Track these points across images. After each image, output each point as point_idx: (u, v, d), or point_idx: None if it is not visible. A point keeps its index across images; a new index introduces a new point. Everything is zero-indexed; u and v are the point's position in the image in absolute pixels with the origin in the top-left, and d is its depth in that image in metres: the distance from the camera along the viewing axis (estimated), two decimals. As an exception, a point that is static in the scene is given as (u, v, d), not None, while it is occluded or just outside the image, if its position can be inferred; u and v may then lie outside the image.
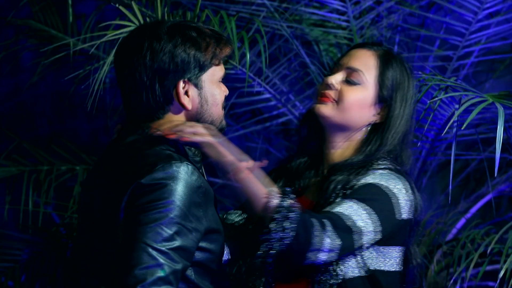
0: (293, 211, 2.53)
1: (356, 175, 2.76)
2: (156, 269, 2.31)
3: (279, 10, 4.21)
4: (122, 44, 2.60)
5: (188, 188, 2.41)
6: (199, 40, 2.54)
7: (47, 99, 4.71)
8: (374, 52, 2.85)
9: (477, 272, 4.15)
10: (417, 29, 4.45)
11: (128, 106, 2.58)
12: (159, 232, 2.34)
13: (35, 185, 4.27)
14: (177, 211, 2.37)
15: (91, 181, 2.61)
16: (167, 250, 2.33)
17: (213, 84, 2.59)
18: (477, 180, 4.71)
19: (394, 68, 2.82)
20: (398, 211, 2.71)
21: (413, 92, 2.85)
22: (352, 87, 2.81)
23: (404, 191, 2.73)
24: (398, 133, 2.82)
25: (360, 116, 2.82)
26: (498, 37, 4.32)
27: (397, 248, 2.78)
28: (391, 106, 2.81)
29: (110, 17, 4.36)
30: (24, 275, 3.97)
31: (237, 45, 3.30)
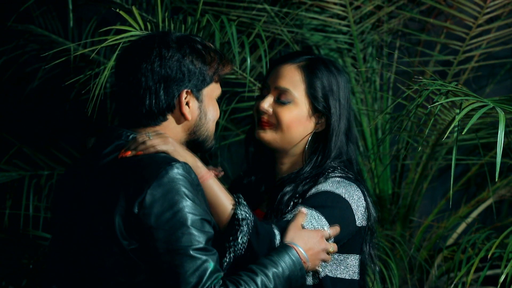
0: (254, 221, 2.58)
1: (304, 185, 2.79)
2: (204, 266, 2.38)
3: (279, 15, 4.21)
4: (126, 50, 2.63)
5: (191, 186, 2.45)
6: (204, 53, 2.60)
7: (47, 104, 4.71)
8: (297, 65, 2.85)
9: (477, 277, 4.15)
10: (418, 34, 4.45)
11: (125, 110, 2.60)
12: (190, 233, 2.39)
13: (35, 190, 4.27)
14: (193, 209, 2.41)
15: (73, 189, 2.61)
16: (203, 245, 2.39)
17: (212, 100, 2.65)
18: (477, 184, 4.71)
19: (320, 76, 2.83)
20: (351, 218, 2.74)
21: (345, 88, 2.87)
22: (284, 107, 2.83)
23: (356, 198, 2.76)
24: (341, 134, 2.84)
25: (301, 131, 2.84)
26: (499, 41, 4.32)
27: (353, 256, 2.80)
28: (329, 113, 2.83)
29: (110, 22, 4.36)
30: (25, 280, 3.97)
31: (237, 49, 3.30)
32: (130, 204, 2.41)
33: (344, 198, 2.73)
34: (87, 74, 3.39)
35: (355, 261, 2.80)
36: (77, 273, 2.56)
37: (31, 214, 4.23)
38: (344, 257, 2.77)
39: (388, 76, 4.47)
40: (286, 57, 2.89)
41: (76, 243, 2.56)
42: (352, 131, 2.90)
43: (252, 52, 4.03)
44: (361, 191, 2.79)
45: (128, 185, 2.44)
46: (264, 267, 2.50)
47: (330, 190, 2.74)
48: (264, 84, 2.91)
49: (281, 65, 2.87)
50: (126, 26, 3.16)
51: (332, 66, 2.88)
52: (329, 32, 4.35)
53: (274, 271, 2.50)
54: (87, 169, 2.59)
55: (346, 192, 2.74)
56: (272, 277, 2.49)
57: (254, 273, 2.48)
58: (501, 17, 4.29)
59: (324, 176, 2.79)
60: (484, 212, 4.45)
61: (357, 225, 2.76)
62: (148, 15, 4.04)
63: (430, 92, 2.95)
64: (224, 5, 4.24)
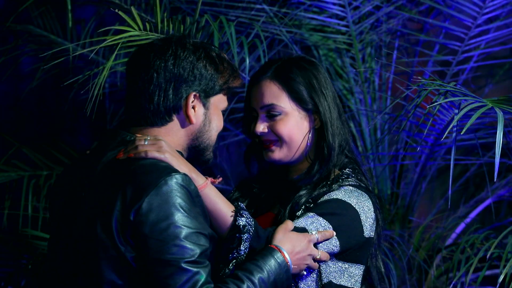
0: (254, 226, 2.60)
1: (320, 189, 2.80)
2: (195, 278, 2.38)
3: (278, 15, 4.21)
4: (143, 47, 2.65)
5: (190, 196, 2.45)
6: (218, 62, 2.63)
7: (46, 104, 4.71)
8: (269, 77, 2.85)
9: (476, 277, 4.15)
10: (417, 34, 4.45)
11: (133, 106, 2.60)
12: (182, 246, 2.39)
13: (34, 190, 4.27)
14: (188, 222, 2.41)
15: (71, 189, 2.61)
16: (195, 258, 2.39)
17: (218, 110, 2.67)
18: (476, 184, 4.71)
19: (296, 78, 2.84)
20: (359, 228, 2.75)
21: (323, 77, 2.87)
22: (277, 120, 2.84)
23: (367, 209, 2.77)
24: (336, 121, 2.85)
25: (302, 135, 2.86)
26: (498, 42, 4.32)
27: (358, 266, 2.80)
28: (318, 108, 2.84)
29: (109, 22, 4.36)
30: (23, 281, 3.97)
31: (236, 50, 3.30)
32: (127, 210, 2.41)
33: (354, 207, 2.74)
34: (86, 74, 3.38)
35: (359, 271, 2.80)
36: (75, 274, 2.55)
37: (30, 215, 4.22)
38: (348, 265, 2.77)
39: (387, 76, 4.47)
40: (258, 74, 2.90)
41: (74, 244, 2.56)
42: (342, 113, 2.91)
43: (251, 52, 4.03)
44: (371, 202, 2.80)
45: (126, 190, 2.44)
46: (250, 273, 2.50)
47: (341, 198, 2.75)
48: (249, 109, 2.91)
49: (256, 84, 2.88)
50: (125, 27, 3.16)
51: (302, 62, 2.88)
52: (328, 32, 4.35)
53: (259, 277, 2.50)
54: (87, 171, 2.59)
55: (357, 202, 2.75)
56: (258, 283, 2.50)
57: (241, 281, 2.48)
58: (500, 17, 4.29)
59: (338, 183, 2.80)
60: (483, 212, 4.44)
61: (365, 236, 2.76)
62: (147, 15, 4.04)
63: (429, 92, 2.95)
64: (223, 5, 4.24)
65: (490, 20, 4.28)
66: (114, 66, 4.18)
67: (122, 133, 2.60)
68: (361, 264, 2.80)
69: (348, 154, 2.90)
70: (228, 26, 3.31)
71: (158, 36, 3.21)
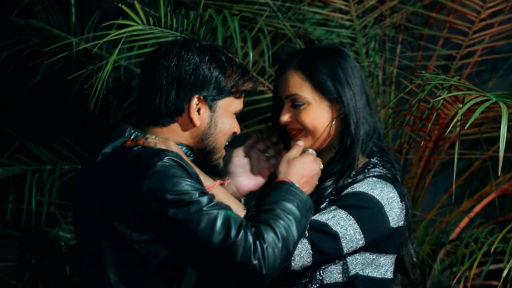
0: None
1: (344, 179, 2.80)
2: (224, 214, 2.42)
3: (282, 9, 4.20)
4: (153, 50, 2.68)
5: (185, 170, 2.47)
6: (225, 65, 2.62)
7: (50, 99, 4.71)
8: (293, 67, 2.86)
9: (480, 271, 4.15)
10: (420, 29, 4.44)
11: (139, 106, 2.63)
12: (196, 201, 2.42)
13: (38, 185, 4.27)
14: (190, 185, 2.44)
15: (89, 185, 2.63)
16: (215, 202, 2.44)
17: (227, 113, 2.67)
18: (480, 179, 4.71)
19: (320, 68, 2.84)
20: (384, 220, 2.74)
21: (349, 66, 2.86)
22: (301, 110, 2.85)
23: (391, 200, 2.76)
24: (362, 111, 2.85)
25: (325, 124, 2.86)
26: (501, 36, 4.31)
27: (387, 256, 2.80)
28: (341, 98, 2.83)
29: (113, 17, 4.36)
30: (27, 274, 3.98)
31: (240, 44, 3.30)
32: (132, 197, 2.43)
33: (377, 199, 2.73)
34: (89, 68, 3.39)
35: (389, 261, 2.81)
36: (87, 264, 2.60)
37: (34, 209, 4.23)
38: (376, 256, 2.77)
39: (390, 71, 4.46)
40: (283, 65, 2.90)
41: (82, 235, 2.61)
42: (371, 102, 2.91)
43: (254, 47, 4.02)
44: (397, 192, 2.79)
45: (123, 178, 2.47)
46: (275, 203, 2.54)
47: (364, 191, 2.74)
48: (276, 98, 2.94)
49: (282, 74, 2.89)
50: (128, 21, 3.16)
51: (328, 51, 2.88)
52: (332, 27, 4.35)
53: (285, 203, 2.55)
54: (90, 161, 2.61)
55: (380, 193, 2.74)
56: (286, 208, 2.54)
57: (272, 210, 2.52)
58: (504, 11, 4.28)
59: (364, 173, 2.80)
60: (487, 206, 4.44)
61: (392, 226, 2.76)
62: (150, 9, 4.03)
63: (432, 86, 2.94)
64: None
65: (494, 14, 4.28)
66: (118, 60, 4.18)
67: (123, 125, 2.62)
68: (390, 254, 2.80)
69: (377, 142, 2.89)
70: (231, 21, 3.31)
71: (162, 30, 3.21)
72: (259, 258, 2.40)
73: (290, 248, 2.49)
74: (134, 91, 4.56)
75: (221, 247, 2.39)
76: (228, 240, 2.39)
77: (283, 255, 2.46)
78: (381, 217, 2.73)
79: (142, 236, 2.45)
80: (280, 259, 2.45)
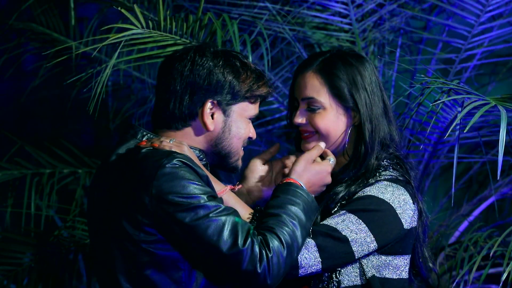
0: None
1: (357, 185, 2.80)
2: (232, 220, 2.43)
3: (281, 13, 4.20)
4: (169, 54, 2.69)
5: (194, 172, 2.48)
6: (240, 70, 2.63)
7: (49, 102, 4.71)
8: (314, 70, 2.84)
9: (479, 275, 4.15)
10: (420, 32, 4.44)
11: (155, 110, 2.66)
12: (205, 205, 2.43)
13: (37, 188, 4.27)
14: (199, 188, 2.45)
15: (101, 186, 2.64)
16: (223, 208, 2.45)
17: (242, 118, 2.67)
18: (479, 182, 4.71)
19: (339, 74, 2.82)
20: (396, 222, 2.73)
21: (369, 74, 2.85)
22: (316, 114, 2.84)
23: (403, 202, 2.75)
24: (378, 120, 2.84)
25: (339, 131, 2.85)
26: (501, 39, 4.31)
27: (403, 256, 2.80)
28: (357, 106, 2.82)
29: (112, 20, 4.36)
30: (26, 278, 3.97)
31: (239, 48, 3.30)
32: (140, 198, 2.44)
33: (388, 202, 2.73)
34: (88, 72, 3.38)
35: (404, 261, 2.80)
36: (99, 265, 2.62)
37: (33, 213, 4.23)
38: (392, 257, 2.77)
39: (390, 74, 4.46)
40: (304, 65, 2.89)
41: (94, 236, 2.64)
42: (389, 113, 2.89)
43: (254, 51, 4.03)
44: (409, 194, 2.78)
45: (132, 179, 2.48)
46: (280, 208, 2.55)
47: (374, 195, 2.74)
48: (292, 98, 2.92)
49: (301, 75, 2.87)
50: (127, 25, 3.16)
51: (349, 57, 2.86)
52: (331, 30, 4.35)
53: (290, 207, 2.56)
54: (104, 165, 2.64)
55: (391, 196, 2.74)
56: (291, 212, 2.55)
57: (278, 215, 2.53)
58: (503, 15, 4.28)
59: (375, 177, 2.80)
60: (486, 210, 4.44)
61: (405, 228, 2.76)
62: (149, 13, 4.03)
63: (432, 90, 2.94)
64: (226, 3, 4.24)
65: (493, 18, 4.27)
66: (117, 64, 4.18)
67: (136, 127, 2.64)
68: (405, 254, 2.80)
69: (393, 151, 2.87)
70: (231, 24, 3.31)
71: (161, 34, 3.22)
72: (265, 268, 2.42)
73: (294, 254, 2.52)
74: (134, 94, 4.56)
75: (228, 255, 2.41)
76: (235, 248, 2.41)
77: (288, 263, 2.49)
78: (394, 220, 2.73)
79: (150, 236, 2.46)
80: (284, 267, 2.48)
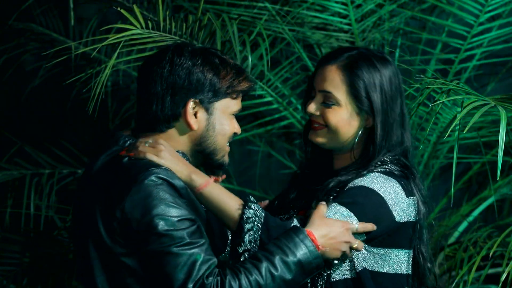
0: (264, 218, 2.59)
1: (348, 175, 2.80)
2: (191, 259, 2.40)
3: (280, 13, 4.20)
4: (148, 56, 2.68)
5: (173, 189, 2.47)
6: (219, 67, 2.61)
7: (48, 103, 4.71)
8: (338, 65, 2.83)
9: (479, 275, 4.15)
10: (419, 32, 4.45)
11: (137, 113, 2.64)
12: (170, 234, 2.40)
13: (36, 189, 4.27)
14: (171, 211, 2.43)
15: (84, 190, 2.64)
16: (187, 240, 2.41)
17: (225, 115, 2.65)
18: (479, 183, 4.71)
19: (361, 75, 2.81)
20: (386, 214, 2.73)
21: (391, 79, 2.84)
22: (330, 109, 2.83)
23: (394, 194, 2.75)
24: (392, 126, 2.83)
25: (350, 130, 2.85)
26: (500, 40, 4.31)
27: (399, 250, 2.79)
28: (374, 110, 2.82)
29: (111, 21, 4.36)
30: (26, 279, 3.97)
31: (239, 48, 3.30)
32: (113, 209, 2.45)
33: (378, 193, 2.72)
34: (88, 72, 3.38)
35: (401, 256, 2.79)
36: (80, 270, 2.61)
37: (32, 213, 4.23)
38: (385, 251, 2.76)
39: (389, 75, 4.45)
40: (329, 57, 2.87)
41: (77, 242, 2.62)
42: (406, 119, 2.89)
43: (253, 51, 4.03)
44: (401, 186, 2.77)
45: (111, 190, 2.48)
46: (270, 254, 2.48)
47: (364, 185, 2.73)
48: (310, 86, 2.91)
49: (324, 66, 2.86)
50: (127, 25, 3.16)
51: (374, 59, 2.84)
52: (330, 31, 4.35)
53: (280, 257, 2.48)
54: (86, 173, 2.63)
55: (381, 187, 2.73)
56: (278, 264, 2.47)
57: (259, 260, 2.46)
58: (502, 15, 4.29)
59: (368, 170, 2.79)
60: (485, 210, 4.44)
61: (397, 221, 2.74)
62: (149, 13, 4.03)
63: (431, 90, 2.94)
64: (225, 3, 4.24)
65: (492, 18, 4.28)
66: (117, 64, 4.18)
67: (118, 133, 2.64)
68: (402, 248, 2.79)
69: (398, 157, 2.86)
70: (230, 24, 3.31)
71: (161, 34, 3.21)
72: None
73: None
74: (133, 95, 4.56)
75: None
76: (184, 286, 2.39)
77: None
78: (384, 211, 2.72)
79: (123, 249, 2.46)
80: None
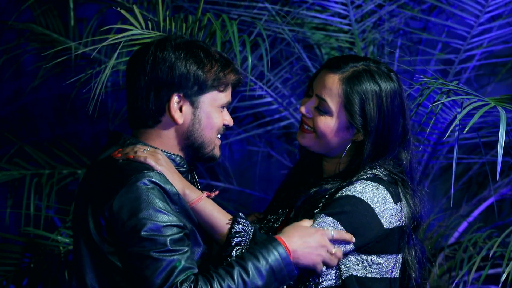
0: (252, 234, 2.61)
1: (332, 184, 2.80)
2: (171, 265, 2.40)
3: (280, 13, 4.20)
4: (133, 52, 2.66)
5: (163, 194, 2.47)
6: (204, 60, 2.58)
7: (48, 103, 4.71)
8: (340, 76, 2.81)
9: (479, 276, 4.15)
10: (419, 33, 4.45)
11: (128, 110, 2.63)
12: (153, 239, 2.40)
13: (36, 189, 4.27)
14: (158, 216, 2.43)
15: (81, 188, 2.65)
16: (169, 247, 2.41)
17: (213, 108, 2.63)
18: (479, 183, 4.71)
19: (359, 91, 2.78)
20: (375, 222, 2.72)
21: (391, 96, 2.81)
22: (321, 116, 2.83)
23: (383, 201, 2.74)
24: (384, 145, 2.81)
25: (337, 140, 2.85)
26: (500, 40, 4.31)
27: (387, 256, 2.79)
28: (364, 127, 2.80)
29: (111, 21, 4.36)
30: (26, 279, 3.97)
31: (238, 48, 3.30)
32: (101, 208, 2.45)
33: (367, 202, 2.72)
34: (88, 73, 3.38)
35: (389, 261, 2.79)
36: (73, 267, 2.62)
37: (32, 213, 4.22)
38: (374, 257, 2.76)
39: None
40: (334, 64, 2.85)
41: (74, 243, 2.63)
42: (408, 138, 2.86)
43: (253, 51, 4.03)
44: (389, 193, 2.76)
45: (102, 188, 2.49)
46: (242, 259, 2.49)
47: (352, 194, 2.73)
48: (310, 85, 2.91)
49: (327, 72, 2.84)
50: (127, 25, 3.16)
51: (378, 76, 2.81)
52: (330, 31, 4.35)
53: (253, 263, 2.48)
54: (87, 172, 2.65)
55: (370, 196, 2.73)
56: (250, 270, 2.47)
57: (231, 266, 2.47)
58: (502, 15, 4.29)
59: (357, 175, 2.78)
60: (485, 211, 4.44)
61: (386, 228, 2.74)
62: (149, 14, 4.03)
63: (431, 91, 2.94)
64: (225, 4, 4.24)
65: (492, 19, 4.28)
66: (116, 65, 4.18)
67: (118, 133, 2.64)
68: (390, 254, 2.79)
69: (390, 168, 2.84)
70: (230, 25, 3.31)
71: (161, 34, 3.22)
72: None
73: None
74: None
75: None
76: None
77: None
78: (372, 220, 2.72)
79: (110, 247, 2.47)
80: None
